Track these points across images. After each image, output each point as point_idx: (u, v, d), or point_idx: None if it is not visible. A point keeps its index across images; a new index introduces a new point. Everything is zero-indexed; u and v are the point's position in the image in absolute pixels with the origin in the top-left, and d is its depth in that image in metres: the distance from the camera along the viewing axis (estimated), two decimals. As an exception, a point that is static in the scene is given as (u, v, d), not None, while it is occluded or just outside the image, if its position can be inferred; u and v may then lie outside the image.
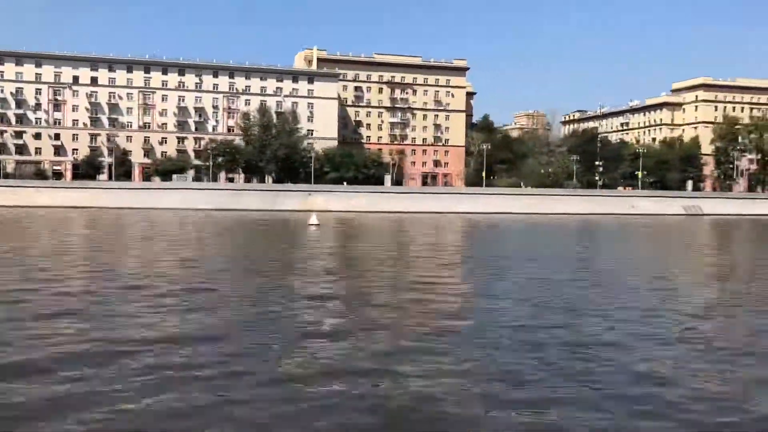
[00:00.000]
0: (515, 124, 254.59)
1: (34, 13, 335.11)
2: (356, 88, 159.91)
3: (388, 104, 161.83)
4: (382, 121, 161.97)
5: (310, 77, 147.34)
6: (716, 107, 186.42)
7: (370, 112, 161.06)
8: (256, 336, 14.67)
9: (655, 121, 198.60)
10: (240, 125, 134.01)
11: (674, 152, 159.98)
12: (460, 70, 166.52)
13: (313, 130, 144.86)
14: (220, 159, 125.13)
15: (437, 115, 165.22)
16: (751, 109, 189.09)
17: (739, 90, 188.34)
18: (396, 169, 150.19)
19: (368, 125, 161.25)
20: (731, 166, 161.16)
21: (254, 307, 18.34)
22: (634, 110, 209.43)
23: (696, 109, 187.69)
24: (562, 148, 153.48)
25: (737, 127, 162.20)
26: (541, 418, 9.80)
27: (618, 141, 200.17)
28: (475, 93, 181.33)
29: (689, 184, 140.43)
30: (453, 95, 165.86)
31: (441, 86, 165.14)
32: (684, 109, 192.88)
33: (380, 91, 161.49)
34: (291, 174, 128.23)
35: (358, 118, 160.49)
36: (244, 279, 24.50)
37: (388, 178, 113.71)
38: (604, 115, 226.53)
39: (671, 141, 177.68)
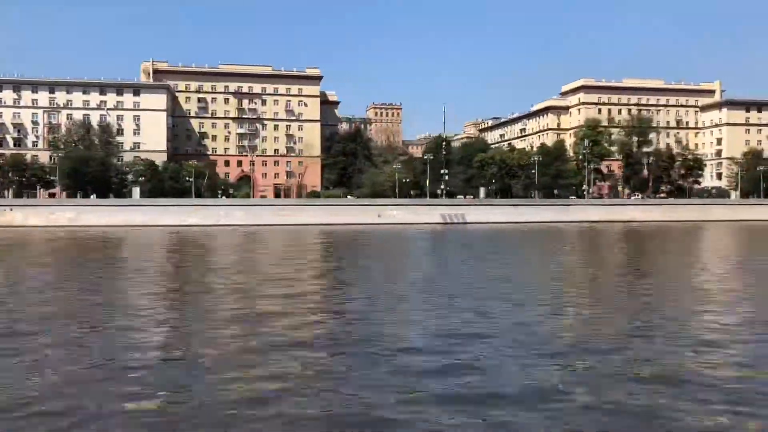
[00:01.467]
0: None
1: None
2: (200, 100, 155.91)
3: (236, 115, 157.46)
4: (229, 132, 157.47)
5: (136, 90, 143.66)
6: (599, 110, 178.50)
7: (215, 123, 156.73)
8: None
9: (543, 126, 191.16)
10: (49, 140, 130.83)
11: (524, 158, 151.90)
12: (313, 79, 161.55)
13: (140, 143, 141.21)
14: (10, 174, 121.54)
15: (289, 126, 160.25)
16: (639, 110, 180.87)
17: (623, 91, 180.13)
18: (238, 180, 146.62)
19: (214, 137, 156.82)
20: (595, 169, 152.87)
21: None
22: (529, 116, 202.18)
23: (579, 112, 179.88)
24: (404, 156, 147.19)
25: (599, 130, 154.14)
26: None
27: (508, 148, 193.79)
28: (338, 102, 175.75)
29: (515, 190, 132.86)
30: (306, 104, 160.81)
31: (293, 96, 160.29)
32: (570, 113, 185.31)
33: (226, 101, 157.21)
34: (104, 189, 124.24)
35: (203, 130, 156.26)
36: None
37: (137, 190, 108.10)
38: (508, 122, 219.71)
39: (555, 145, 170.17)
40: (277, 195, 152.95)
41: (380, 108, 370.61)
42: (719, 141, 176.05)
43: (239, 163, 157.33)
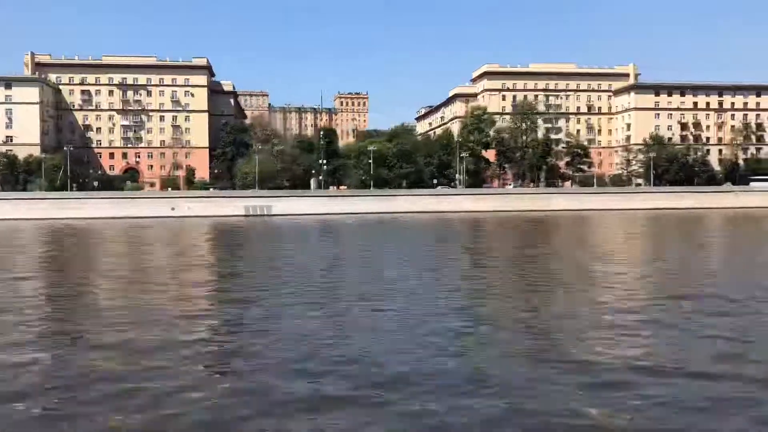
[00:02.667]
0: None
1: None
2: (83, 92, 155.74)
3: (120, 107, 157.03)
4: (114, 125, 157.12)
5: (8, 83, 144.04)
6: (504, 96, 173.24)
7: (99, 115, 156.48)
8: None
9: (454, 113, 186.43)
10: None
11: (412, 146, 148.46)
12: (200, 69, 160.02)
13: (12, 137, 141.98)
14: None
15: (176, 117, 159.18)
16: (547, 96, 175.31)
17: (530, 76, 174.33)
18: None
19: (98, 129, 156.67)
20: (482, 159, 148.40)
21: None
22: (446, 103, 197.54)
23: (484, 99, 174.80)
24: (279, 146, 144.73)
25: (484, 117, 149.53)
26: None
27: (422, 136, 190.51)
28: (232, 92, 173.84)
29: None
30: (193, 95, 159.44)
31: (179, 86, 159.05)
32: (478, 100, 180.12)
33: (110, 93, 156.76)
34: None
35: (87, 123, 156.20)
36: None
37: None
38: (434, 110, 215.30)
39: (442, 134, 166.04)
40: (163, 186, 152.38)
41: (346, 98, 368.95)
42: (629, 126, 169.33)
43: (124, 155, 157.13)
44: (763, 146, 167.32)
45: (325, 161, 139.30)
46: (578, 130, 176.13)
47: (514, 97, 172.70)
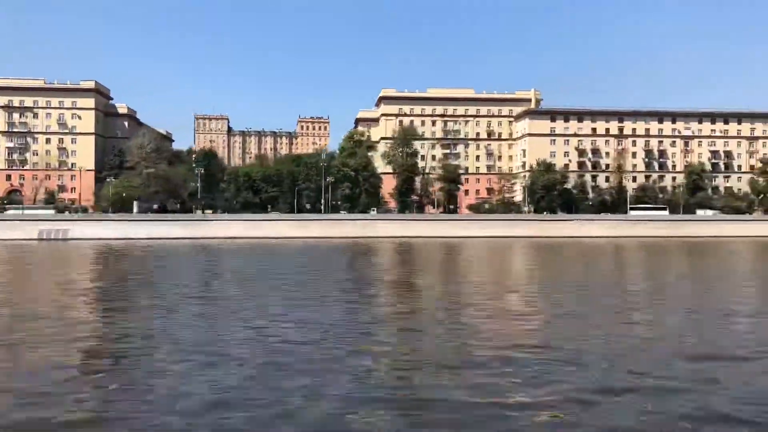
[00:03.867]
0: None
1: None
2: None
3: (5, 129, 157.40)
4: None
5: None
6: (401, 121, 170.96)
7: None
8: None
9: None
10: None
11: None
12: (88, 91, 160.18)
13: None
14: None
15: (62, 139, 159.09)
16: (445, 122, 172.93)
17: (428, 101, 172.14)
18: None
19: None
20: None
21: None
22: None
23: (380, 124, 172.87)
24: (150, 169, 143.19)
25: (362, 140, 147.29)
26: None
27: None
28: (129, 114, 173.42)
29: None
30: (80, 117, 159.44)
31: (66, 108, 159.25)
32: (378, 124, 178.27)
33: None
34: None
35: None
36: None
37: None
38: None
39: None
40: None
41: (307, 122, 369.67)
42: (525, 153, 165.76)
43: (8, 177, 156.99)
44: (652, 173, 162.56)
45: (197, 183, 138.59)
46: (477, 156, 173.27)
47: (412, 122, 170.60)
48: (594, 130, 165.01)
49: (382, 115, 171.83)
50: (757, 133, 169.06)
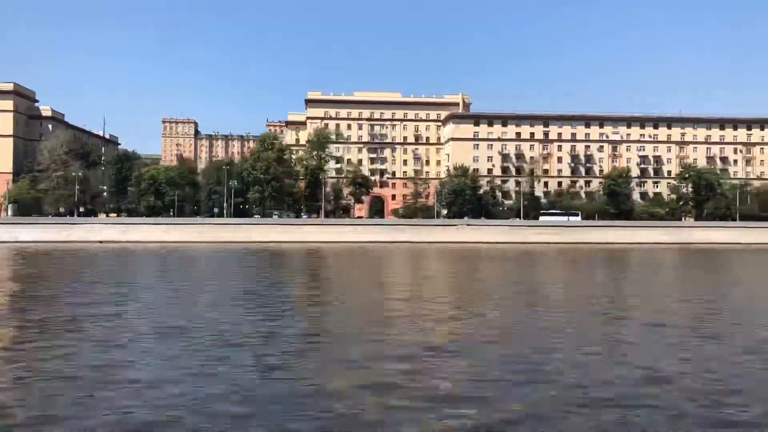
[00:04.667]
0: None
1: None
2: None
3: None
4: None
5: None
6: (326, 124, 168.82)
7: None
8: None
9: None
10: None
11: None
12: (7, 93, 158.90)
13: None
14: None
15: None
16: (372, 125, 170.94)
17: (354, 105, 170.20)
18: None
19: None
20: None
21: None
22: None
23: (326, 127, 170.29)
24: (58, 172, 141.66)
25: (273, 145, 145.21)
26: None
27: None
28: (54, 117, 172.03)
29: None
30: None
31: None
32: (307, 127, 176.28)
33: None
34: None
35: None
36: None
37: None
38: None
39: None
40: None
41: (275, 125, 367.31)
42: (449, 157, 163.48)
43: None
44: (579, 178, 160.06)
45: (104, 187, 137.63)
46: (405, 160, 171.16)
47: (337, 125, 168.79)
48: (518, 134, 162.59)
49: (308, 118, 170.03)
50: (687, 138, 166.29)
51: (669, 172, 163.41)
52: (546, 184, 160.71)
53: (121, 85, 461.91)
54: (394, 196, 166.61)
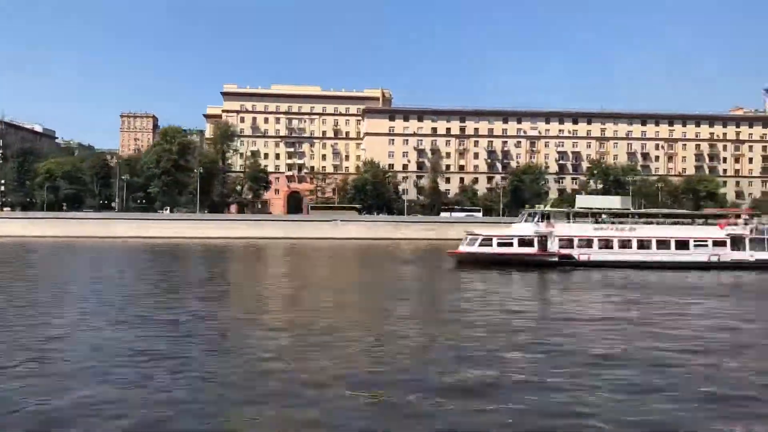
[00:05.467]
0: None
1: None
2: None
3: None
4: None
5: None
6: (242, 118, 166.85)
7: None
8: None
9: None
10: None
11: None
12: None
13: None
14: None
15: None
16: (290, 119, 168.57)
17: (271, 98, 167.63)
18: None
19: None
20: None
21: None
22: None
23: (243, 121, 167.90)
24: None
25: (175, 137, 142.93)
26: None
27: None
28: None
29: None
30: None
31: None
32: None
33: None
34: None
35: None
36: None
37: None
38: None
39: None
40: None
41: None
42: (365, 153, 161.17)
43: None
44: (495, 174, 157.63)
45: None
46: (323, 155, 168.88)
47: (254, 119, 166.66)
48: (434, 129, 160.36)
49: (224, 111, 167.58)
50: (607, 134, 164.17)
51: (588, 168, 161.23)
52: (462, 179, 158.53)
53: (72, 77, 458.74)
54: (311, 192, 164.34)
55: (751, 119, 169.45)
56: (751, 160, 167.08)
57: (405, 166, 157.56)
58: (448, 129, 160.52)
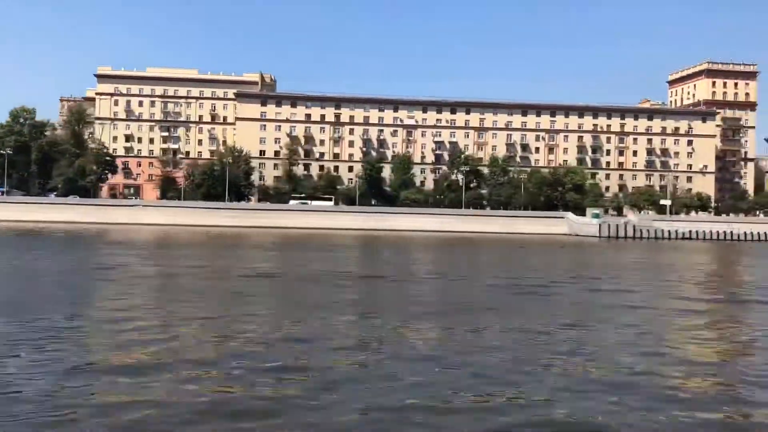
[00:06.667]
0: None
1: None
2: None
3: None
4: None
5: None
6: (116, 101, 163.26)
7: None
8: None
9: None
10: None
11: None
12: None
13: None
14: None
15: None
16: (165, 103, 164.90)
17: (147, 81, 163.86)
18: None
19: None
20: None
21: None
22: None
23: (117, 104, 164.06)
24: None
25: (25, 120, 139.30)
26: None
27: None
28: None
29: None
30: None
31: None
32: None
33: None
34: None
35: None
36: None
37: None
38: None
39: None
40: None
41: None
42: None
43: None
44: (354, 163, 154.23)
45: None
46: (200, 140, 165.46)
47: (129, 102, 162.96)
48: (308, 116, 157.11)
49: (97, 93, 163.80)
50: (486, 124, 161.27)
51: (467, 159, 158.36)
52: (336, 168, 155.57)
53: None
54: (186, 177, 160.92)
55: (637, 111, 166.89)
56: (635, 153, 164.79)
57: (277, 153, 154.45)
58: (323, 116, 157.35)
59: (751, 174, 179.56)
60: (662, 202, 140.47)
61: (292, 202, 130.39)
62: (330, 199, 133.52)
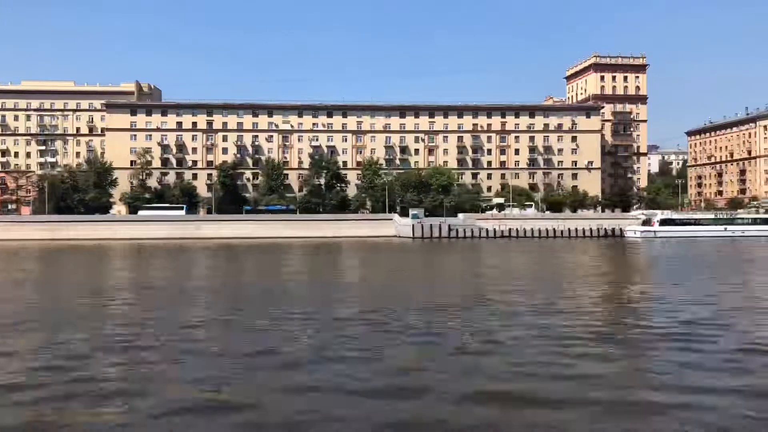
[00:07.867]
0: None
1: None
2: None
3: None
4: None
5: None
6: (3, 117, 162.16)
7: None
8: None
9: None
10: None
11: None
12: None
13: None
14: None
15: None
16: (41, 116, 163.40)
17: (23, 94, 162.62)
18: None
19: None
20: None
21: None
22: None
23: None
24: None
25: None
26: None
27: None
28: None
29: None
30: None
31: None
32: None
33: None
34: None
35: None
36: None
37: None
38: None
39: None
40: None
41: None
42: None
43: None
44: (245, 170, 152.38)
45: None
46: (78, 153, 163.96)
47: (3, 117, 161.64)
48: (180, 124, 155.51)
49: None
50: (364, 127, 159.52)
51: (345, 163, 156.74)
52: (209, 176, 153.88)
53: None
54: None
55: (518, 109, 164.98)
56: (517, 152, 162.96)
57: (149, 163, 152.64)
58: (194, 123, 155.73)
59: (644, 168, 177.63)
60: (533, 200, 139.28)
61: (141, 212, 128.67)
62: (181, 208, 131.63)
